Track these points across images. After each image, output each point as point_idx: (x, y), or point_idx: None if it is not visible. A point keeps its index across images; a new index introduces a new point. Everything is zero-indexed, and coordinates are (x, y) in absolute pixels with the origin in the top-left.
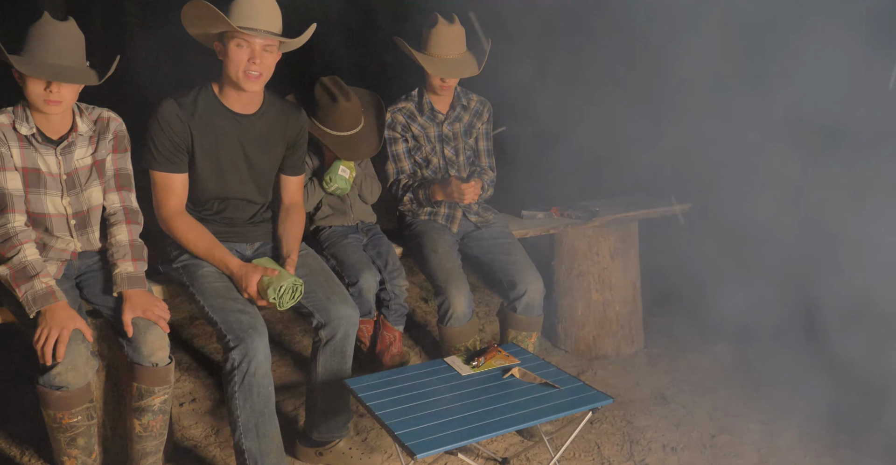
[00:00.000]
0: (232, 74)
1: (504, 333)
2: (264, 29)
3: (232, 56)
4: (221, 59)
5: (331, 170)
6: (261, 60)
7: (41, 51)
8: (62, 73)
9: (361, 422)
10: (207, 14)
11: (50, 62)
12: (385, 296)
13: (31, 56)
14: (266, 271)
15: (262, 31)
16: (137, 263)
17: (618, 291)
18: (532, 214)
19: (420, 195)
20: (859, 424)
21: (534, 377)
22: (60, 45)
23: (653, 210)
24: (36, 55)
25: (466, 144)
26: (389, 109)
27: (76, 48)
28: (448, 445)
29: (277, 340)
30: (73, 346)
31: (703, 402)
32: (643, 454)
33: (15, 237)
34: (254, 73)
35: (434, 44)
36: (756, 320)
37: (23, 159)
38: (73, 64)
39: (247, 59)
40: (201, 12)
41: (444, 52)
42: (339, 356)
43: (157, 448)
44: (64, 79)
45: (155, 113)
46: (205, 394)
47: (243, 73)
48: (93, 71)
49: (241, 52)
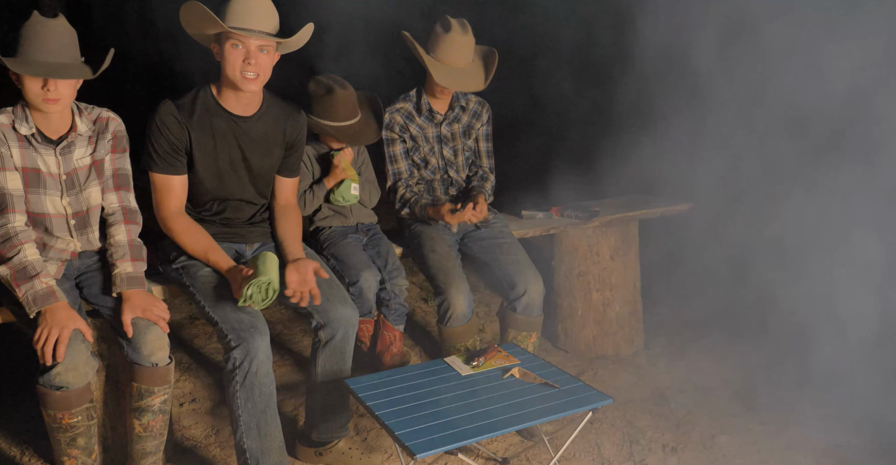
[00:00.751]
0: (229, 75)
1: (504, 333)
2: (258, 29)
3: (228, 57)
4: (219, 61)
5: (342, 188)
6: (256, 61)
7: (34, 50)
8: (56, 70)
9: (361, 422)
10: (202, 16)
11: (43, 60)
12: (385, 296)
13: (24, 56)
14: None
15: (256, 32)
16: (136, 263)
17: (618, 291)
18: (532, 214)
19: (417, 211)
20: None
21: (534, 377)
22: (52, 42)
23: (653, 210)
24: (30, 55)
25: (465, 144)
26: (387, 109)
27: (68, 45)
28: (448, 445)
29: (278, 340)
30: (73, 346)
31: (703, 402)
32: (643, 454)
33: (15, 237)
34: (250, 75)
35: (445, 51)
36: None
37: (22, 159)
38: (67, 60)
39: (242, 60)
40: (197, 14)
41: (454, 61)
42: (338, 357)
43: (158, 448)
44: (58, 75)
45: (153, 115)
46: (205, 394)
47: (240, 74)
48: (87, 66)
49: (237, 53)
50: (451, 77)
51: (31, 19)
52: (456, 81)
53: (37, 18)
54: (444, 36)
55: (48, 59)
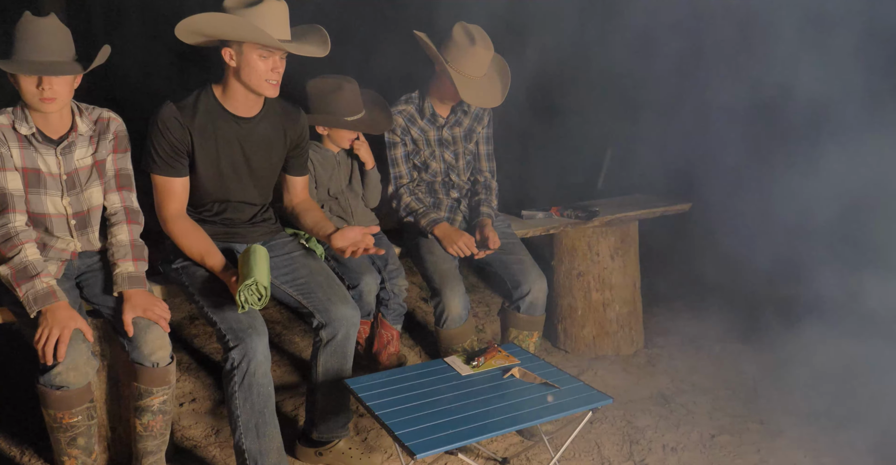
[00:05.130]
0: (252, 83)
1: (505, 332)
2: (289, 40)
3: (255, 66)
4: (230, 65)
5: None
6: (279, 70)
7: (28, 50)
8: (48, 68)
9: (361, 422)
10: (242, 29)
11: (36, 59)
12: (384, 295)
13: (18, 56)
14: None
15: (294, 45)
16: (138, 262)
17: (618, 291)
18: (532, 214)
19: (422, 225)
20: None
21: (534, 377)
22: (44, 41)
23: (653, 210)
24: (23, 54)
25: (466, 148)
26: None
27: (61, 43)
28: (448, 445)
29: (277, 340)
30: (73, 346)
31: (703, 402)
32: (643, 454)
33: (16, 237)
34: (274, 82)
35: (467, 63)
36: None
37: (23, 160)
38: (60, 58)
39: (270, 70)
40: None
41: (474, 72)
42: (339, 357)
43: (159, 448)
44: (50, 72)
45: (154, 116)
46: (205, 394)
47: (265, 81)
48: (79, 63)
49: (266, 63)
50: (475, 93)
51: (22, 19)
52: (479, 98)
53: (28, 18)
54: (469, 49)
55: (41, 57)
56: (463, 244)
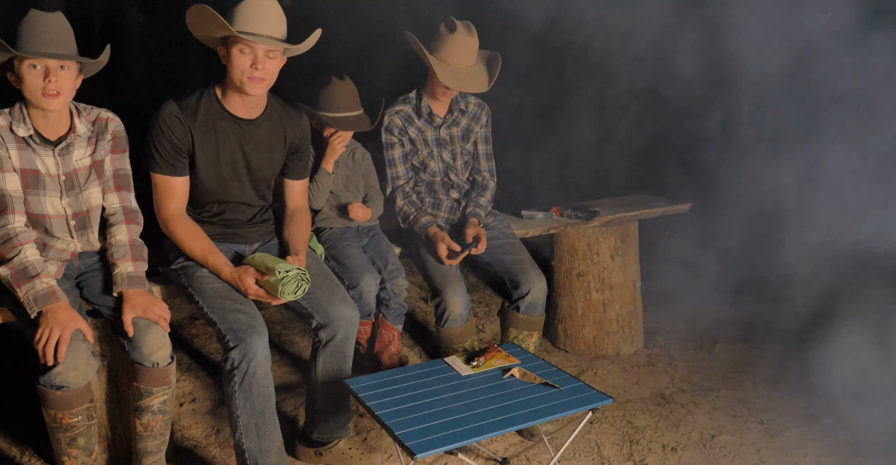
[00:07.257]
0: (235, 79)
1: (505, 332)
2: (267, 35)
3: (235, 61)
4: (225, 64)
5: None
6: (263, 66)
7: (35, 43)
8: (63, 55)
9: (361, 422)
10: (210, 19)
11: (45, 51)
12: (385, 295)
13: (24, 48)
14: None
15: (265, 37)
16: (137, 263)
17: (618, 291)
18: (532, 214)
19: (416, 230)
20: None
21: (534, 377)
22: (52, 35)
23: (653, 210)
24: (30, 47)
25: (464, 148)
26: (387, 111)
27: (67, 38)
28: (448, 445)
29: (277, 340)
30: (73, 346)
31: (703, 402)
32: (643, 454)
33: (15, 238)
34: (257, 76)
35: (449, 51)
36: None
37: (21, 161)
38: (67, 52)
39: (250, 65)
40: (205, 17)
41: (457, 61)
42: (338, 357)
43: (159, 448)
44: (62, 57)
45: (156, 115)
46: (205, 394)
47: (247, 78)
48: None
49: (244, 58)
50: (456, 77)
51: (29, 14)
52: (460, 82)
53: (35, 13)
54: (448, 36)
55: (48, 50)
56: (442, 255)
